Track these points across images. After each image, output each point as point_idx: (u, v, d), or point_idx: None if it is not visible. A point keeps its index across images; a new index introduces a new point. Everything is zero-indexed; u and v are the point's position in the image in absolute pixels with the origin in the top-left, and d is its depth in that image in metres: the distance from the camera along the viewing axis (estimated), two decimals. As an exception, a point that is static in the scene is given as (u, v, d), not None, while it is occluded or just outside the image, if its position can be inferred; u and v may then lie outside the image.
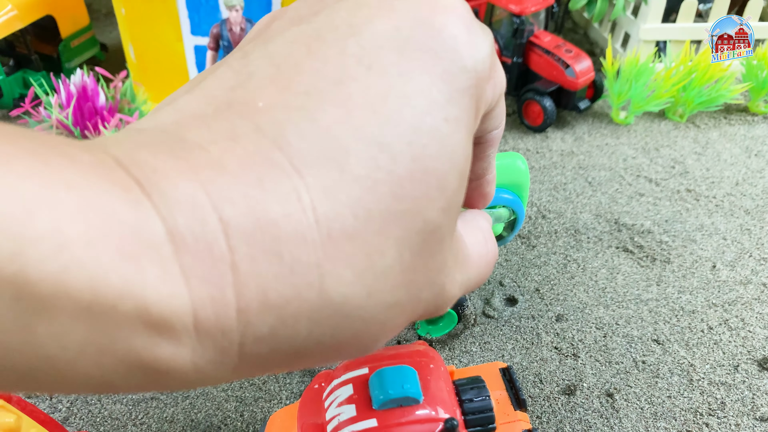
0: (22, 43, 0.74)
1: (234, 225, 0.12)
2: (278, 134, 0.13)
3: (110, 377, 0.12)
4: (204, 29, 0.67)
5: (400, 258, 0.14)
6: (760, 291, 0.54)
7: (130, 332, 0.11)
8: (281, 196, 0.12)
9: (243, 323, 0.12)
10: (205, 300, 0.12)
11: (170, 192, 0.12)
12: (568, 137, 0.74)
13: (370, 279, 0.13)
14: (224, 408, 0.45)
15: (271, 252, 0.12)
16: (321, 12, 0.15)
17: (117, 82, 0.68)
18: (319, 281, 0.13)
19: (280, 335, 0.13)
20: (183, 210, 0.12)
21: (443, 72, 0.14)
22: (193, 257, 0.12)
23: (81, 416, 0.44)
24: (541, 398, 0.45)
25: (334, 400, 0.30)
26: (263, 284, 0.12)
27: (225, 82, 0.14)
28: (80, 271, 0.11)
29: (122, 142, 0.13)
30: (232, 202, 0.12)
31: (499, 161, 0.39)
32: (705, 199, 0.64)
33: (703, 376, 0.47)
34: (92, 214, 0.11)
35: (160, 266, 0.11)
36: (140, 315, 0.11)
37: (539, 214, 0.62)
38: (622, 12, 0.81)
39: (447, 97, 0.14)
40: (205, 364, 0.13)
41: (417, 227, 0.14)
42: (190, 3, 0.66)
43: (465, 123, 0.15)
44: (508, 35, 0.74)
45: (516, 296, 0.53)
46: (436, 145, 0.14)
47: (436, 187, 0.14)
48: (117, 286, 0.11)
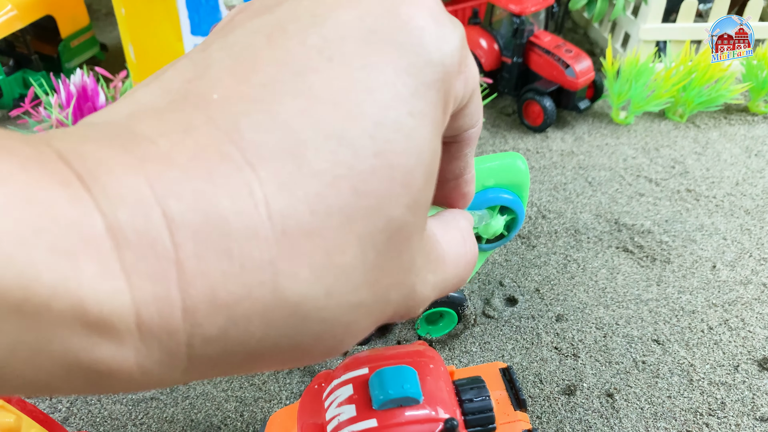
0: (22, 43, 0.74)
1: (179, 220, 0.11)
2: (232, 126, 0.12)
3: (48, 379, 0.11)
4: (204, 29, 0.67)
5: (363, 256, 0.13)
6: (760, 291, 0.54)
7: (66, 332, 0.11)
8: (232, 190, 0.12)
9: (190, 323, 0.12)
10: (148, 298, 0.11)
11: (112, 186, 0.11)
12: (568, 137, 0.73)
13: (329, 278, 0.13)
14: (224, 408, 0.45)
15: (219, 249, 0.12)
16: (285, 2, 0.15)
17: (117, 82, 0.68)
18: (273, 279, 0.12)
19: (231, 337, 0.12)
20: (125, 204, 0.11)
21: (408, 65, 0.14)
22: (135, 254, 0.11)
23: (81, 416, 0.44)
24: (541, 398, 0.45)
25: (334, 400, 0.30)
26: (211, 282, 0.12)
27: (183, 74, 0.14)
28: (9, 268, 0.10)
29: (68, 135, 0.12)
30: (178, 196, 0.11)
31: (499, 161, 0.39)
32: (705, 199, 0.64)
33: (703, 376, 0.47)
34: (25, 208, 0.10)
35: (98, 263, 0.11)
36: (77, 314, 0.11)
37: (539, 214, 0.62)
38: (622, 12, 0.81)
39: (412, 91, 0.14)
40: (151, 365, 0.12)
41: (380, 225, 0.13)
42: (190, 3, 0.66)
43: (431, 118, 0.14)
44: (508, 35, 0.74)
45: (516, 296, 0.53)
46: (401, 139, 0.13)
47: (400, 183, 0.13)
48: (50, 284, 0.10)
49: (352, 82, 0.13)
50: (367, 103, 0.13)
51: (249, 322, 0.12)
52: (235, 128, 0.12)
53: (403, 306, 0.16)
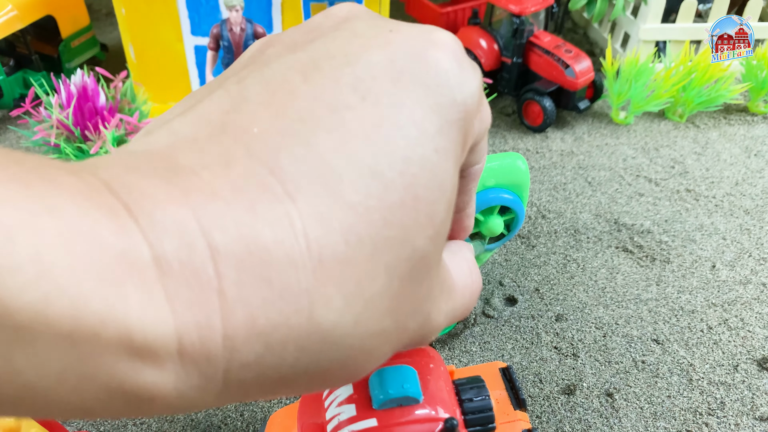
0: (22, 43, 0.74)
1: (223, 251, 0.12)
2: (272, 159, 0.13)
3: (90, 404, 0.12)
4: (204, 29, 0.68)
5: (390, 285, 0.14)
6: (759, 291, 0.54)
7: (112, 359, 0.11)
8: (273, 221, 0.12)
9: (229, 349, 0.12)
10: (190, 325, 0.12)
11: (158, 217, 0.12)
12: (568, 137, 0.74)
13: (359, 306, 0.13)
14: (224, 408, 0.45)
15: (260, 277, 0.12)
16: (317, 40, 0.16)
17: (117, 82, 0.68)
18: (309, 307, 0.13)
19: (266, 362, 0.13)
20: (171, 235, 0.12)
21: (434, 104, 0.15)
22: (179, 282, 0.12)
23: (81, 416, 0.44)
24: (541, 398, 0.45)
25: (334, 399, 0.30)
26: (251, 310, 0.12)
27: (220, 106, 0.15)
28: (61, 299, 0.10)
29: (112, 164, 0.13)
30: (222, 228, 0.12)
31: (499, 161, 0.39)
32: (705, 199, 0.64)
33: (703, 376, 0.47)
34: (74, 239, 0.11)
35: (144, 291, 0.11)
36: (123, 341, 0.11)
37: (539, 214, 0.62)
38: (622, 12, 0.81)
39: (437, 129, 0.15)
40: (188, 390, 0.12)
41: (406, 254, 0.14)
42: (190, 3, 0.66)
43: (453, 154, 0.15)
44: (508, 35, 0.74)
45: (516, 296, 0.53)
46: (427, 174, 0.14)
47: (425, 215, 0.14)
48: (99, 313, 0.11)
49: (384, 119, 0.14)
50: (397, 140, 0.14)
51: (284, 348, 0.13)
52: (275, 160, 0.13)
53: (418, 334, 0.16)
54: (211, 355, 0.12)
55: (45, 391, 0.11)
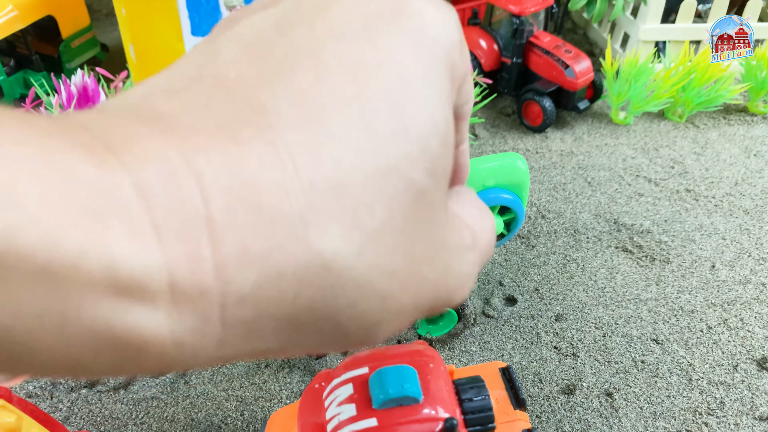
0: (22, 44, 0.74)
1: (209, 178, 0.11)
2: (252, 97, 0.13)
3: (78, 353, 0.11)
4: (204, 29, 0.68)
5: (391, 219, 0.13)
6: (759, 291, 0.54)
7: (96, 297, 0.10)
8: (259, 150, 0.12)
9: (222, 281, 0.12)
10: (180, 257, 0.11)
11: (139, 150, 0.11)
12: (568, 137, 0.74)
13: (359, 236, 0.13)
14: (225, 407, 0.45)
15: (249, 203, 0.12)
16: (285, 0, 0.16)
17: (117, 83, 0.68)
18: (304, 233, 0.12)
19: (264, 296, 0.12)
20: (153, 164, 0.11)
21: (415, 42, 0.15)
22: (165, 211, 0.11)
23: (81, 416, 0.44)
24: (541, 398, 0.45)
25: (334, 399, 0.30)
26: (241, 237, 0.12)
27: (194, 62, 0.14)
28: (32, 229, 0.10)
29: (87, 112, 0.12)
30: (206, 158, 0.11)
31: (499, 161, 0.39)
32: (704, 199, 0.64)
33: (702, 376, 0.47)
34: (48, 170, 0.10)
35: (127, 223, 0.11)
36: (107, 275, 0.10)
37: (539, 214, 0.62)
38: (622, 12, 0.81)
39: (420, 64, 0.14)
40: (184, 334, 0.12)
41: (403, 186, 0.13)
42: (190, 3, 0.66)
43: (442, 88, 0.15)
44: (508, 35, 0.74)
45: (515, 296, 0.53)
46: (414, 107, 0.14)
47: (419, 147, 0.14)
48: (78, 244, 0.10)
49: (362, 55, 0.14)
50: (378, 75, 0.14)
51: (281, 277, 0.12)
52: (255, 98, 0.13)
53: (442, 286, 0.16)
54: (204, 287, 0.11)
55: (24, 335, 0.10)
